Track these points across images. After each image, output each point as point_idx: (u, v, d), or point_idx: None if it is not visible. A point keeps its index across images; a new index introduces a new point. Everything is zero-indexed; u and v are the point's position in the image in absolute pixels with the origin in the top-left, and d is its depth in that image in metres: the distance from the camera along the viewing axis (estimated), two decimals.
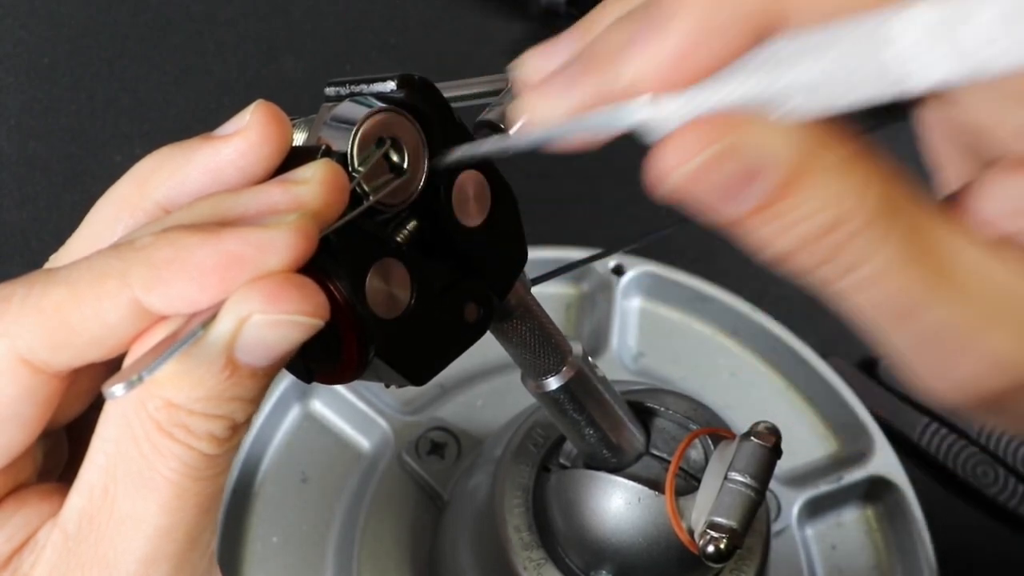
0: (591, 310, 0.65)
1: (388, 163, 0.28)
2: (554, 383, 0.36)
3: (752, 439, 0.37)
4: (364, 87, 0.29)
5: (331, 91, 0.29)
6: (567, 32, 0.26)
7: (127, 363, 0.24)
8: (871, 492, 0.60)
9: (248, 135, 0.26)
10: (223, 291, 0.23)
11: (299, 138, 0.29)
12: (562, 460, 0.44)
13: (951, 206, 0.24)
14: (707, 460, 0.39)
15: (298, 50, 0.77)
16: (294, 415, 0.59)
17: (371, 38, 0.79)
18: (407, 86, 0.28)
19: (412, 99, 0.28)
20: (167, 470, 0.24)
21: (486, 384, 0.60)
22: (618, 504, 0.39)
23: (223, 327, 0.23)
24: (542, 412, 0.43)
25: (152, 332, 0.24)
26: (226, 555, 0.54)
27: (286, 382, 0.58)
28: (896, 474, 0.59)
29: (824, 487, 0.59)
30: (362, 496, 0.56)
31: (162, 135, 0.56)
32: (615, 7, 0.25)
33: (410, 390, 0.60)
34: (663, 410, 0.41)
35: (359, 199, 0.26)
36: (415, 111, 0.28)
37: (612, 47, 0.23)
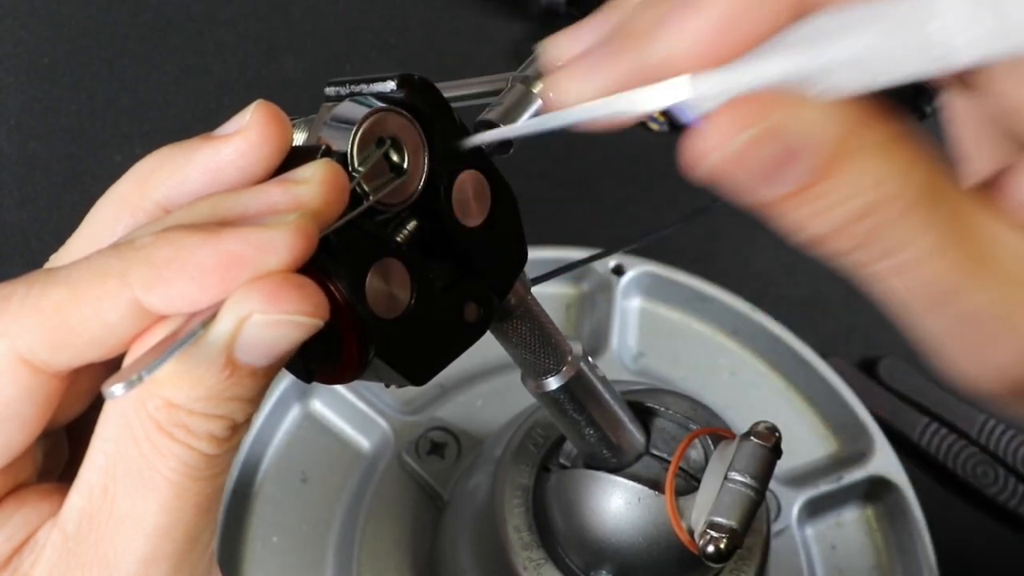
0: (591, 310, 0.65)
1: (388, 163, 0.28)
2: (554, 383, 0.36)
3: (752, 439, 0.37)
4: (364, 87, 0.29)
5: (331, 91, 0.29)
6: (595, 14, 0.25)
7: (127, 363, 0.24)
8: (871, 492, 0.60)
9: (248, 135, 0.26)
10: (223, 291, 0.23)
11: (299, 138, 0.29)
12: (562, 460, 0.44)
13: (984, 192, 0.23)
14: (707, 460, 0.39)
15: (298, 50, 0.77)
16: (294, 415, 0.59)
17: (371, 38, 0.79)
18: (407, 86, 0.28)
19: (412, 99, 0.28)
20: (167, 470, 0.24)
21: (486, 384, 0.60)
22: (618, 504, 0.39)
23: (223, 327, 0.23)
24: (542, 412, 0.43)
25: (152, 332, 0.24)
26: (226, 555, 0.54)
27: (286, 382, 0.58)
28: (896, 474, 0.59)
29: (824, 487, 0.59)
30: (362, 496, 0.56)
31: (162, 135, 0.56)
32: None
33: (410, 390, 0.60)
34: (663, 410, 0.41)
35: (359, 199, 0.26)
36: (415, 111, 0.28)
37: (646, 24, 0.22)
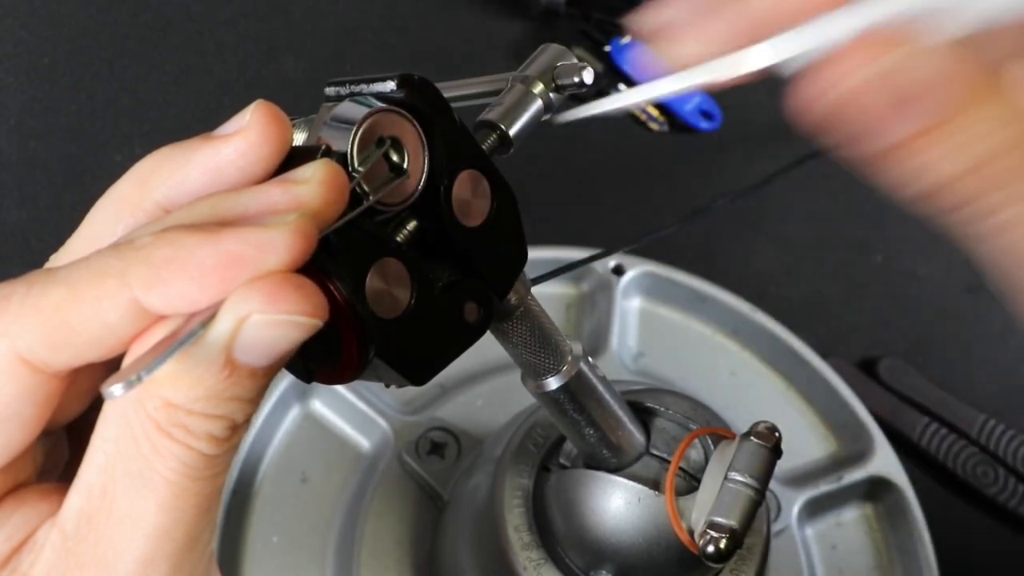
0: (591, 310, 0.65)
1: (388, 163, 0.28)
2: (554, 383, 0.36)
3: (752, 439, 0.37)
4: (364, 87, 0.29)
5: (331, 91, 0.29)
6: None
7: (126, 363, 0.24)
8: (871, 492, 0.60)
9: (248, 135, 0.26)
10: (222, 291, 0.23)
11: (299, 138, 0.29)
12: (562, 460, 0.44)
13: None
14: (707, 460, 0.39)
15: (298, 50, 0.77)
16: (294, 415, 0.59)
17: (371, 38, 0.79)
18: (407, 86, 0.28)
19: (412, 99, 0.28)
20: (166, 470, 0.24)
21: (486, 384, 0.60)
22: (618, 504, 0.39)
23: (222, 327, 0.23)
24: (542, 412, 0.43)
25: (151, 332, 0.24)
26: (226, 555, 0.54)
27: (286, 382, 0.58)
28: (896, 474, 0.59)
29: (824, 487, 0.59)
30: (362, 496, 0.56)
31: (162, 135, 0.56)
32: None
33: (410, 390, 0.60)
34: (663, 410, 0.41)
35: (359, 199, 0.26)
36: (415, 111, 0.28)
37: None
